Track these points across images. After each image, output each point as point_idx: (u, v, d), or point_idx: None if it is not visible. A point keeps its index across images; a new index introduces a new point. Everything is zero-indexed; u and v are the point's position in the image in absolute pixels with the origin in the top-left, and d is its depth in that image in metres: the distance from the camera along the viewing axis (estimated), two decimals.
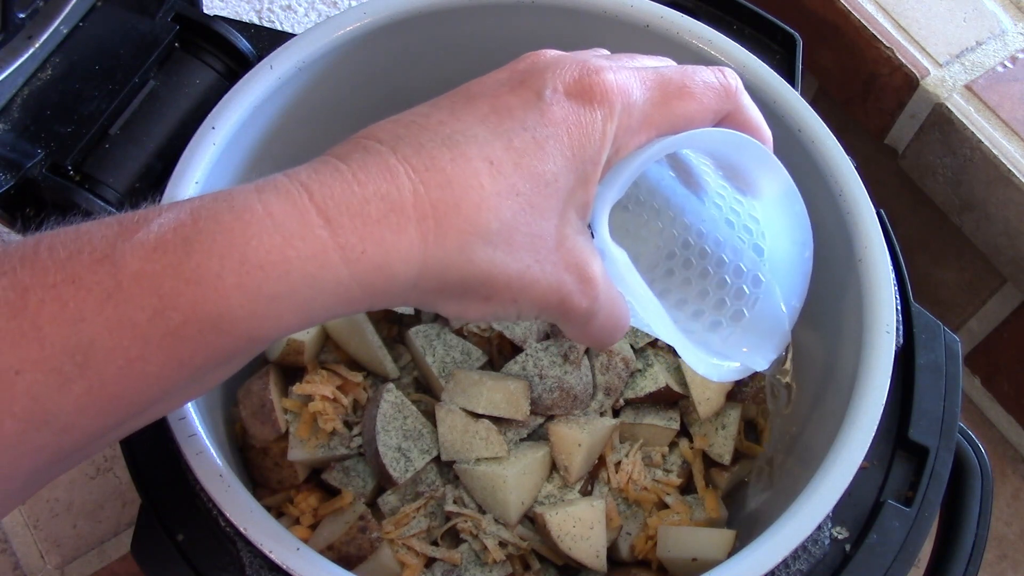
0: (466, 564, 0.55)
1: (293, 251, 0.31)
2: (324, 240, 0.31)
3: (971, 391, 0.77)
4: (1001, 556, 0.72)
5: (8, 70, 0.54)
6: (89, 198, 0.53)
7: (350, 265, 0.32)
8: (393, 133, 0.34)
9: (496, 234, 0.33)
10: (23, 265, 0.30)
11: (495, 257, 0.33)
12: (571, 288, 0.36)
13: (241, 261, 0.30)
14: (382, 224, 0.32)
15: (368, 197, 0.32)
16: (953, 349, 0.52)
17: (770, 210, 0.42)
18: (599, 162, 0.35)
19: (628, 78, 0.36)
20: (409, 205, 0.32)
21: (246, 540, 0.42)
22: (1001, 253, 0.67)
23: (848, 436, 0.46)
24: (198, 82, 0.58)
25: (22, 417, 0.30)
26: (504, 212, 0.33)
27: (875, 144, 0.73)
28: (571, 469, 0.56)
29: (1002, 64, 0.68)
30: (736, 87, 0.40)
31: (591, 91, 0.35)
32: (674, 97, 0.37)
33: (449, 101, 0.36)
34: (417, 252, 0.32)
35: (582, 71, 0.36)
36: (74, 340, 0.30)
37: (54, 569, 0.68)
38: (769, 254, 0.42)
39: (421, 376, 0.60)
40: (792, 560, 0.45)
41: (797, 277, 0.43)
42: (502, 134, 0.34)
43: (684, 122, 0.38)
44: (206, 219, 0.31)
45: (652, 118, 0.37)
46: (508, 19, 0.57)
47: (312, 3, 0.92)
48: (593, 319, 0.37)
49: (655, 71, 0.38)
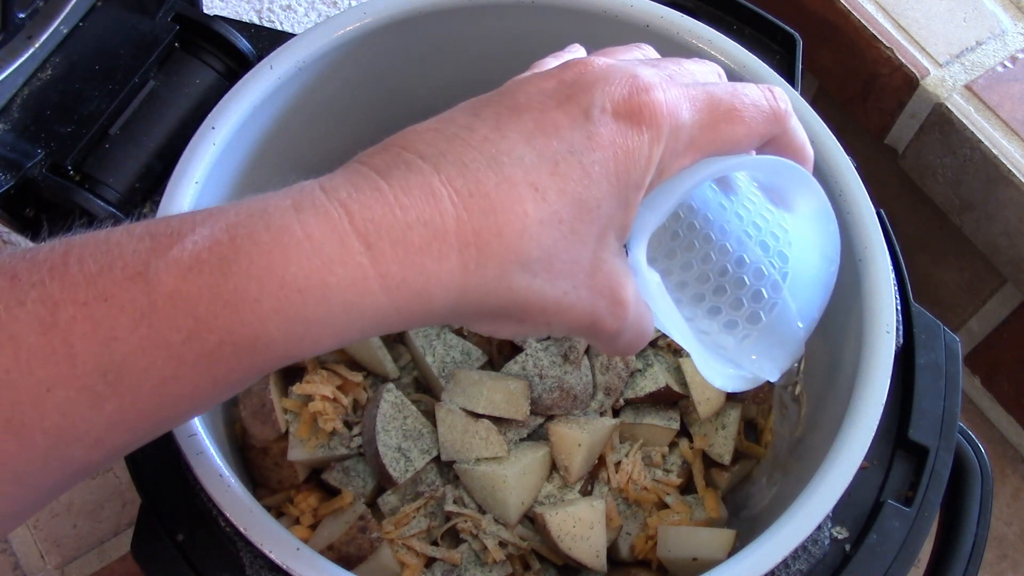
0: (466, 564, 0.55)
1: (333, 277, 0.30)
2: (364, 267, 0.31)
3: (971, 391, 0.77)
4: (1001, 556, 0.72)
5: (8, 70, 0.54)
6: (89, 198, 0.53)
7: (389, 293, 0.31)
8: (436, 148, 0.33)
9: (536, 261, 0.33)
10: (52, 278, 0.30)
11: (534, 284, 0.33)
12: (603, 312, 0.36)
13: (280, 285, 0.30)
14: (424, 252, 0.31)
15: (411, 223, 0.31)
16: (953, 349, 0.52)
17: (801, 224, 0.42)
18: (643, 186, 0.35)
19: (677, 98, 0.35)
20: (452, 232, 0.31)
21: (246, 540, 0.42)
22: (1001, 253, 0.67)
23: (848, 436, 0.46)
24: (198, 82, 0.58)
25: (52, 433, 0.30)
26: (546, 240, 0.33)
27: (875, 144, 0.73)
28: (571, 469, 0.56)
29: (1002, 64, 0.68)
30: (786, 110, 0.38)
31: (640, 112, 0.34)
32: (723, 120, 0.36)
33: (493, 112, 0.34)
34: (457, 280, 0.32)
35: (631, 89, 0.34)
36: (107, 359, 0.29)
37: (54, 569, 0.68)
38: (793, 263, 0.42)
39: (421, 376, 0.60)
40: (792, 560, 0.46)
41: (819, 289, 0.42)
42: (548, 157, 0.33)
43: (730, 146, 0.37)
44: (243, 238, 0.30)
45: (698, 141, 0.36)
46: (508, 19, 0.57)
47: (312, 3, 0.92)
48: (621, 337, 0.37)
49: (705, 90, 0.36)
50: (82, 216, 0.53)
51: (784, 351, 0.42)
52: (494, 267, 0.32)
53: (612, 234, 0.35)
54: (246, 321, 0.30)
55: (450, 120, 0.34)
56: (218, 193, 0.52)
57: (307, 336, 0.31)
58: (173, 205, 0.49)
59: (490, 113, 0.34)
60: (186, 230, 0.31)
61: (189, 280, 0.30)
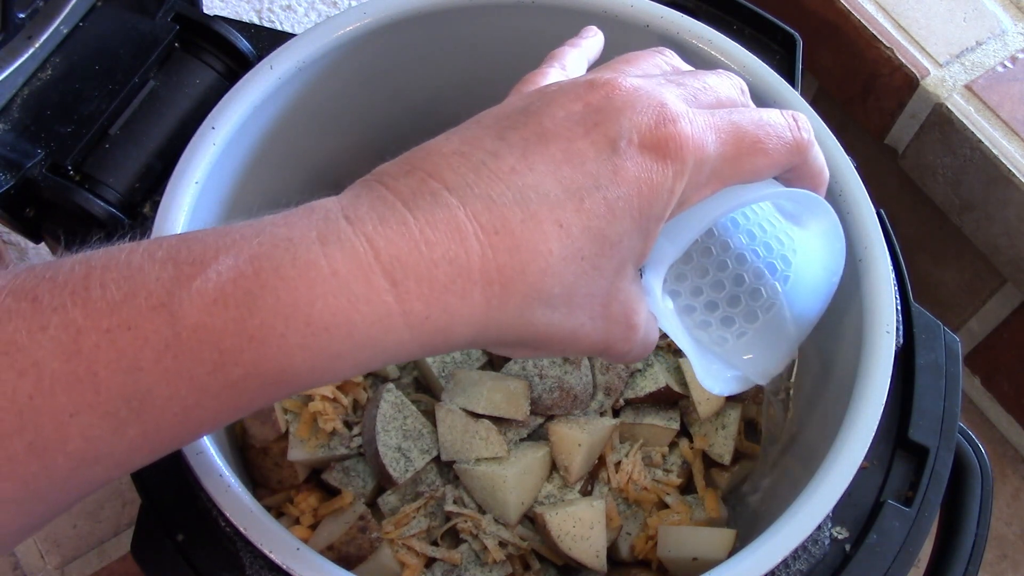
0: (466, 564, 0.55)
1: (358, 315, 0.31)
2: (390, 305, 0.31)
3: (971, 391, 0.77)
4: (1001, 556, 0.72)
5: (8, 70, 0.54)
6: (89, 198, 0.53)
7: (413, 330, 0.32)
8: (463, 178, 0.33)
9: (557, 297, 0.33)
10: (75, 303, 0.30)
11: (553, 318, 0.34)
12: (617, 338, 0.37)
13: (306, 323, 0.30)
14: (448, 290, 0.32)
15: (436, 260, 0.31)
16: (953, 349, 0.52)
17: (809, 239, 0.42)
18: (664, 218, 0.35)
19: (703, 130, 0.35)
20: (476, 270, 0.32)
21: (246, 540, 0.42)
22: (1001, 253, 0.67)
23: (848, 436, 0.46)
24: (198, 82, 0.58)
25: (75, 456, 0.30)
26: (567, 276, 0.33)
27: (875, 144, 0.73)
28: (571, 469, 0.56)
29: (1002, 64, 0.68)
30: (809, 140, 0.39)
31: (666, 145, 0.34)
32: (747, 153, 0.36)
33: (520, 138, 0.34)
34: (479, 316, 0.32)
35: (659, 119, 0.34)
36: (131, 388, 0.30)
37: (54, 569, 0.68)
38: (795, 269, 0.42)
39: (421, 376, 0.60)
40: (792, 560, 0.45)
41: (818, 297, 0.43)
42: (574, 193, 0.33)
43: (752, 176, 0.37)
44: (268, 272, 0.30)
45: (721, 173, 0.36)
46: (508, 19, 0.57)
47: (312, 3, 0.92)
48: (629, 355, 0.38)
49: (731, 121, 0.36)
50: (87, 219, 0.53)
51: (776, 353, 0.43)
52: (515, 304, 0.33)
53: (631, 265, 0.36)
54: (271, 356, 0.30)
55: (476, 143, 0.34)
56: (218, 193, 0.52)
57: (331, 368, 0.31)
58: (173, 205, 0.49)
59: (517, 139, 0.34)
60: (209, 258, 0.31)
61: (214, 314, 0.30)
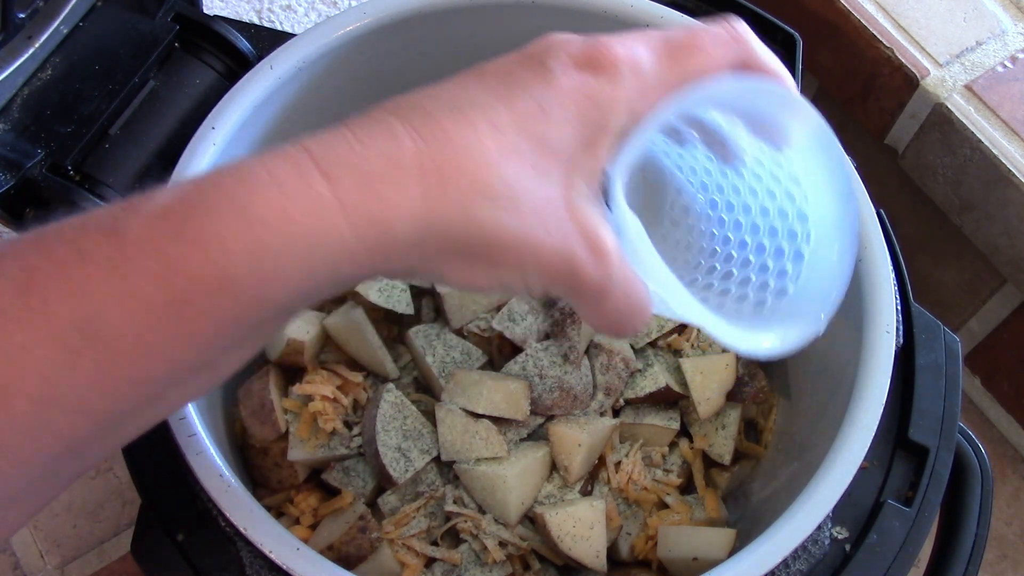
0: (466, 564, 0.55)
1: (293, 207, 0.31)
2: (324, 195, 0.32)
3: (971, 391, 0.77)
4: (1001, 556, 0.72)
5: (8, 70, 0.54)
6: (89, 198, 0.53)
7: (350, 219, 0.32)
8: (401, 105, 0.35)
9: (500, 194, 0.33)
10: (32, 249, 0.31)
11: (499, 216, 0.33)
12: (581, 257, 0.35)
13: (243, 218, 0.31)
14: (384, 180, 0.32)
15: (369, 156, 0.32)
16: (953, 349, 0.52)
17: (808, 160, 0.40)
18: (607, 128, 0.35)
19: (634, 44, 0.36)
20: (410, 162, 0.33)
21: (246, 540, 0.42)
22: (1001, 253, 0.67)
23: (848, 436, 0.46)
24: (198, 82, 0.58)
25: (34, 396, 0.30)
26: (506, 171, 0.33)
27: (875, 144, 0.73)
28: (571, 469, 0.56)
29: (1002, 64, 0.68)
30: (744, 33, 0.39)
31: (599, 60, 0.35)
32: (683, 55, 0.37)
33: (461, 77, 0.36)
34: (419, 208, 0.33)
35: (589, 43, 0.36)
36: (80, 313, 0.30)
37: (54, 569, 0.68)
38: (813, 219, 0.40)
39: (421, 376, 0.60)
40: (792, 560, 0.45)
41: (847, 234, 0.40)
42: (506, 99, 0.34)
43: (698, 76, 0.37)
44: (209, 185, 0.32)
45: (664, 79, 0.37)
46: (508, 19, 0.57)
47: (312, 3, 0.92)
48: (607, 297, 0.36)
49: (661, 34, 0.38)
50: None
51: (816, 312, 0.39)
52: (455, 195, 0.33)
53: (580, 179, 0.35)
54: (212, 258, 0.30)
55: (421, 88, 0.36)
56: None
57: (275, 272, 0.31)
58: None
59: (458, 79, 0.36)
60: (159, 192, 0.32)
61: (155, 226, 0.31)
